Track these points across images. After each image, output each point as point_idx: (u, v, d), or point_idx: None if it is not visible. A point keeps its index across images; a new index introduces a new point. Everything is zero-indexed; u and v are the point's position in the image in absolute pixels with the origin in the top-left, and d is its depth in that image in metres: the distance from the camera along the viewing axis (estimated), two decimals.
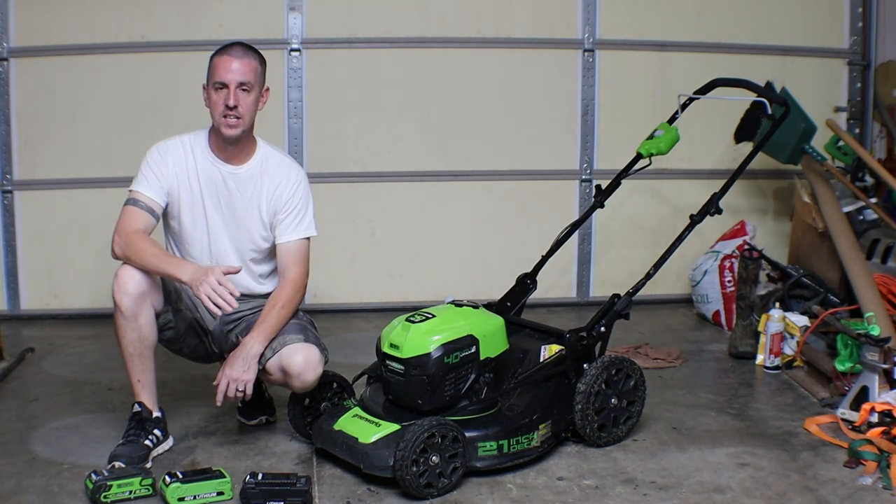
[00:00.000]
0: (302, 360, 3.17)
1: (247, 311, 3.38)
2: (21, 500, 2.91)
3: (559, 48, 5.15)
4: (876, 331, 3.63)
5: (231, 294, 3.03)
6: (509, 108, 5.16)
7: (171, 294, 3.29)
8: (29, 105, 4.84)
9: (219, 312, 3.07)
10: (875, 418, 3.37)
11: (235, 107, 3.19)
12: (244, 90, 3.21)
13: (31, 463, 3.18)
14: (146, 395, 3.24)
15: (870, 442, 3.22)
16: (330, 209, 5.03)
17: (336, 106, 5.04)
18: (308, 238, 3.38)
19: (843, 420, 3.51)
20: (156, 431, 3.24)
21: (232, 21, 4.88)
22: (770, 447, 3.36)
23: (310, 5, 4.94)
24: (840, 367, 3.75)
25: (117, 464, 3.05)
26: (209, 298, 3.01)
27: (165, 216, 3.32)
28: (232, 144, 3.27)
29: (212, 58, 3.26)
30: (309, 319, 3.42)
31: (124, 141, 4.84)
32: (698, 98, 3.88)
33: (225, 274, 3.06)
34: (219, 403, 3.14)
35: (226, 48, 3.25)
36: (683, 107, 3.87)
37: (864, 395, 3.51)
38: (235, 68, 3.19)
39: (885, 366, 3.50)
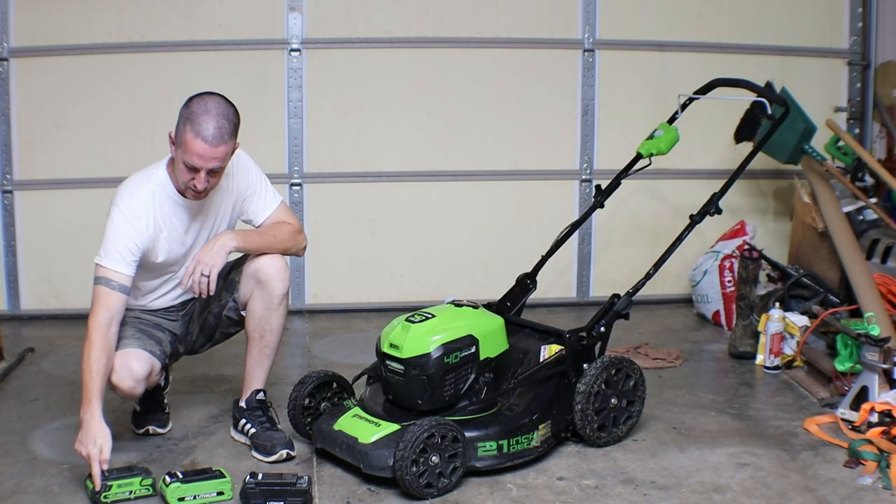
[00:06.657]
0: (275, 271, 3.20)
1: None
2: (21, 500, 2.91)
3: (559, 48, 5.15)
4: (876, 331, 3.63)
5: None
6: (509, 108, 5.15)
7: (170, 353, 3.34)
8: (29, 105, 4.83)
9: None
10: (875, 418, 3.37)
11: (205, 188, 3.06)
12: (214, 173, 3.04)
13: (31, 463, 3.18)
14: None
15: (870, 442, 3.22)
16: (330, 209, 5.04)
17: (336, 106, 5.03)
18: (282, 200, 3.37)
19: (843, 420, 3.51)
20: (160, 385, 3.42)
21: (232, 21, 4.87)
22: (770, 447, 3.36)
23: (310, 5, 4.94)
24: (840, 367, 3.74)
25: (151, 428, 3.41)
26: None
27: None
28: None
29: (185, 123, 2.96)
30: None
31: (124, 141, 4.84)
32: (698, 98, 3.88)
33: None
34: (184, 287, 3.18)
35: (200, 122, 2.94)
36: (683, 107, 3.87)
37: (864, 395, 3.51)
38: (209, 156, 2.97)
39: (885, 366, 3.50)
